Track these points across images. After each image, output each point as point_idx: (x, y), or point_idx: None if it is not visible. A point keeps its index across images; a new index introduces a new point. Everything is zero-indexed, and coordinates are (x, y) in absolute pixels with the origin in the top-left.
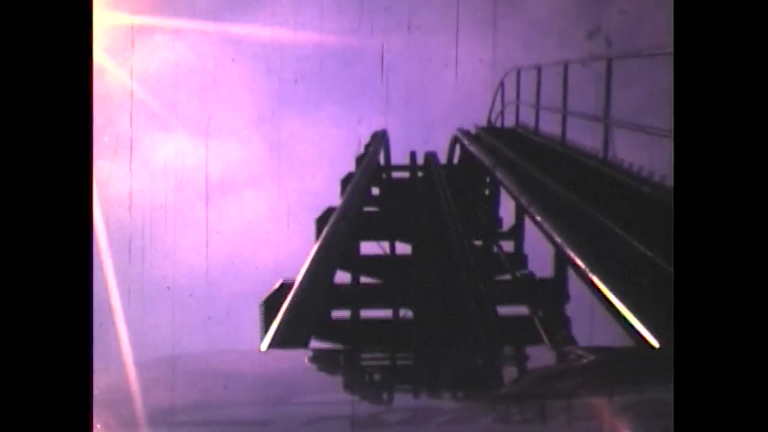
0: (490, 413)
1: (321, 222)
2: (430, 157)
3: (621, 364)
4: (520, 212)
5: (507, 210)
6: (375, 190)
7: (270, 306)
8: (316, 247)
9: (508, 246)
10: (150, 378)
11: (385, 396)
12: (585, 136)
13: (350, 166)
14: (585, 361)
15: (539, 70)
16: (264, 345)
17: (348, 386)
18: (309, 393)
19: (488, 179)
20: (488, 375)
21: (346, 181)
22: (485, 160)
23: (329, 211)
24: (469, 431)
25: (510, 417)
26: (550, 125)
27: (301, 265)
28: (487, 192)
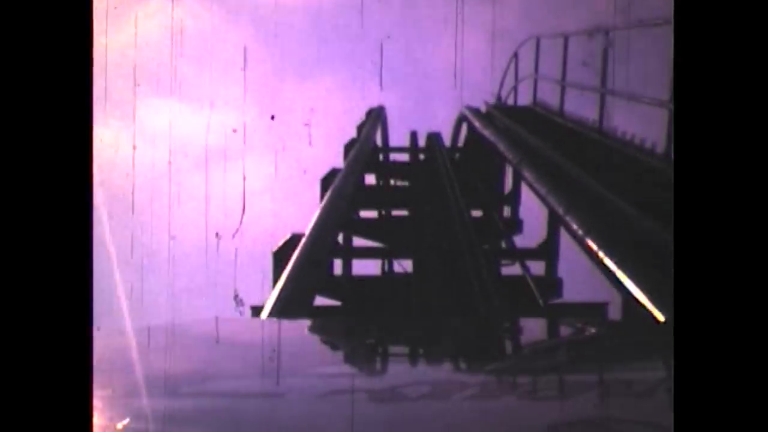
0: (513, 389)
1: (279, 255)
2: (434, 138)
3: (650, 341)
4: (554, 222)
5: (528, 208)
6: (369, 178)
7: None
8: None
9: (537, 267)
10: (151, 345)
11: (403, 369)
12: (619, 120)
13: (336, 159)
14: (610, 338)
15: (566, 39)
16: (264, 314)
17: (364, 359)
18: (321, 364)
19: (498, 161)
20: (509, 350)
21: (327, 181)
22: (506, 151)
23: (294, 240)
24: (492, 408)
25: (534, 393)
26: (573, 104)
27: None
28: (499, 180)
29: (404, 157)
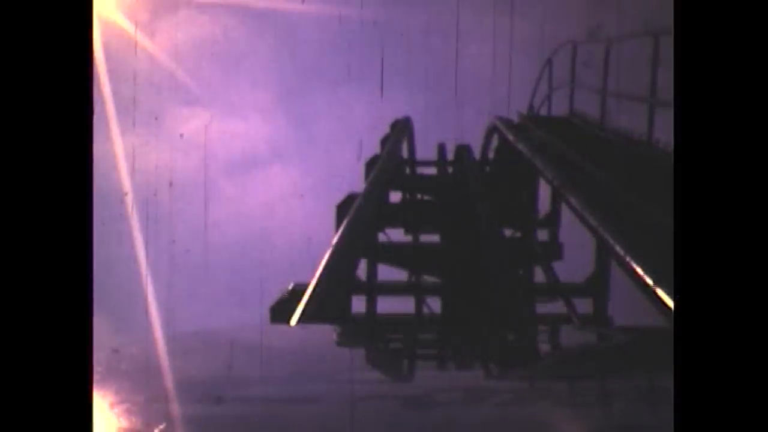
0: (546, 395)
1: (277, 312)
2: (463, 151)
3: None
4: (604, 254)
5: (566, 228)
6: (394, 195)
7: None
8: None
9: (584, 305)
10: (181, 351)
11: (435, 375)
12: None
13: (354, 181)
14: (644, 346)
15: (609, 42)
16: (293, 320)
17: (396, 364)
18: (352, 370)
19: (532, 176)
20: (543, 357)
21: (343, 208)
22: (544, 168)
23: (296, 293)
24: (525, 413)
25: (567, 400)
26: (612, 113)
27: None
28: (534, 196)
29: (432, 170)
